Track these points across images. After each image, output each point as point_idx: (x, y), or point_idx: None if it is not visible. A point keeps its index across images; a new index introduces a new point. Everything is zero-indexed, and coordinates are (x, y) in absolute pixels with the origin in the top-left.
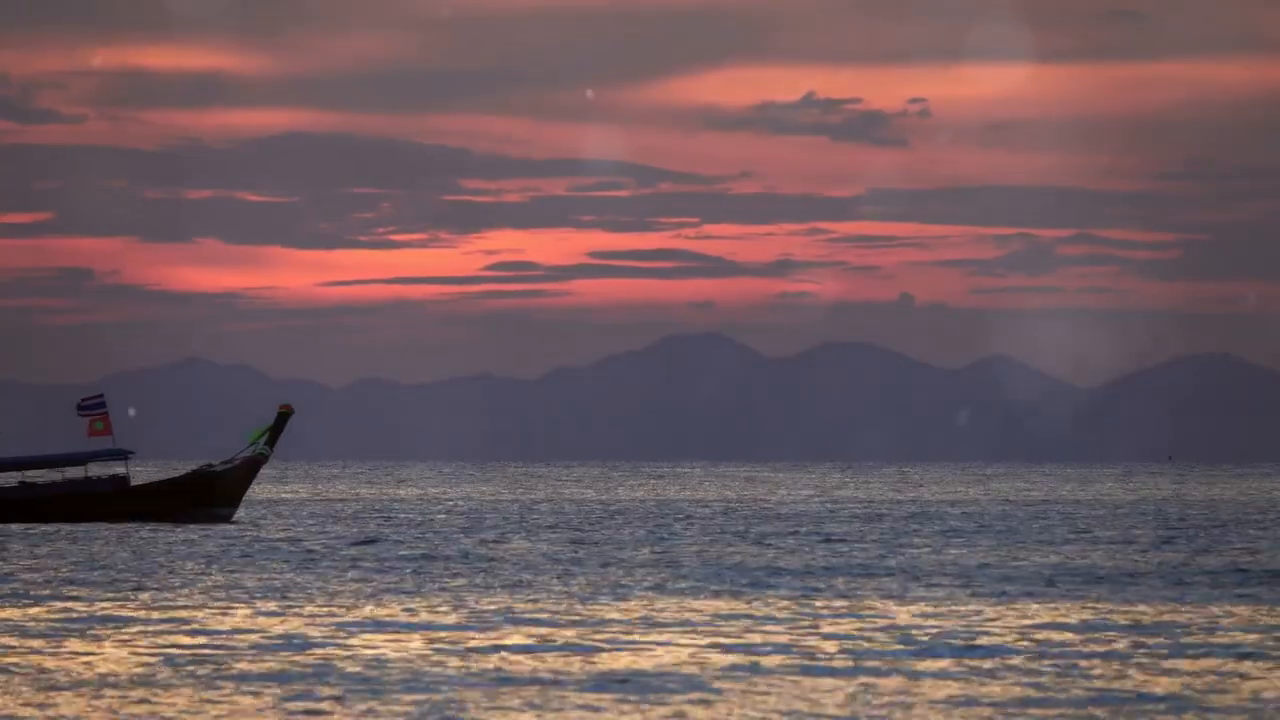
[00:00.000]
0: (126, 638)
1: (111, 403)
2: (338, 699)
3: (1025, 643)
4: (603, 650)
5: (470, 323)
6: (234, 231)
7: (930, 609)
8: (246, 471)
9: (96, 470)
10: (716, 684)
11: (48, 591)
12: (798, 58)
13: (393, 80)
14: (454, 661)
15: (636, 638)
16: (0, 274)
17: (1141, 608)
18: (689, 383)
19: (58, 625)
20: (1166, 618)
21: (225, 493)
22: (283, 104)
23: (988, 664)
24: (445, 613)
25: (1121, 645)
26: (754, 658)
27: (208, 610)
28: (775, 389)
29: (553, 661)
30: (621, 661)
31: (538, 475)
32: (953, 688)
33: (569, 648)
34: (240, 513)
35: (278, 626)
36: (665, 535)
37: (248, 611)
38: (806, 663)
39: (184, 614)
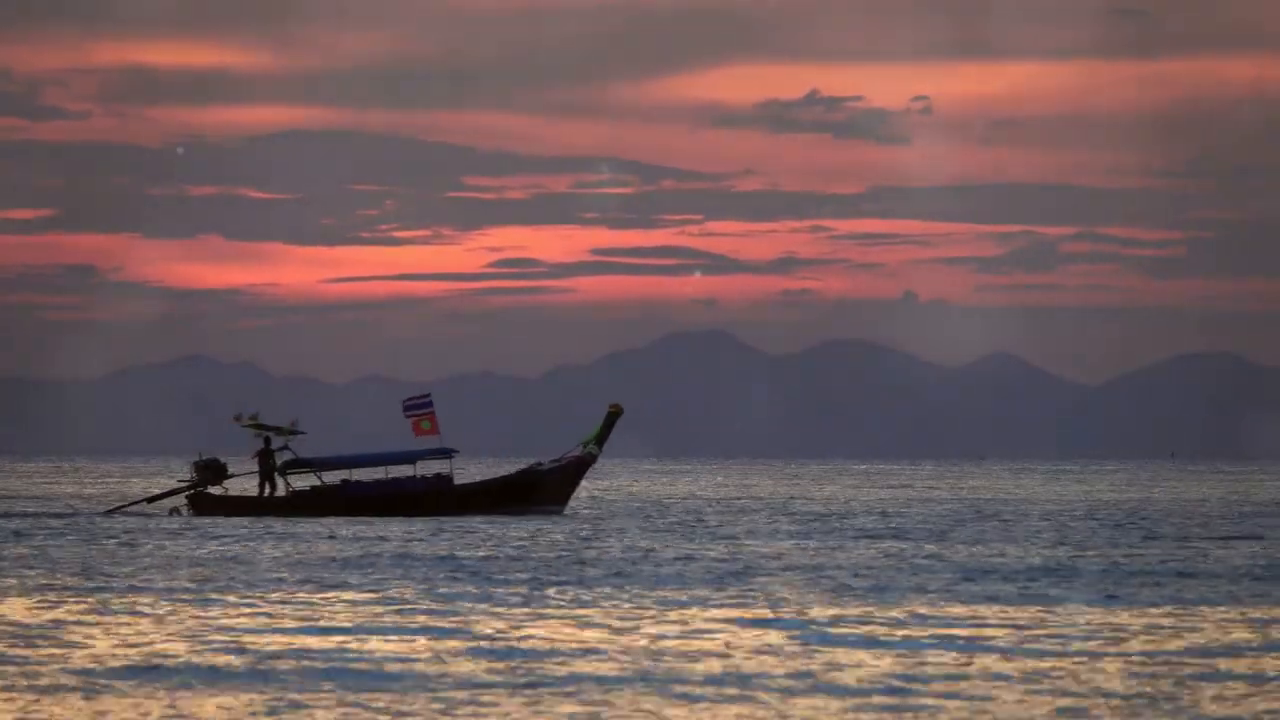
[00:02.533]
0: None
1: (113, 399)
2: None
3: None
4: None
5: (473, 320)
6: (237, 228)
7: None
8: (574, 471)
9: (417, 468)
10: None
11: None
12: (801, 55)
13: (396, 77)
14: None
15: None
16: (4, 270)
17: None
18: (691, 380)
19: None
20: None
21: (551, 492)
22: (286, 101)
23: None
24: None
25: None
26: None
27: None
28: (777, 387)
29: None
30: None
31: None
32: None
33: None
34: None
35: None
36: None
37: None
38: None
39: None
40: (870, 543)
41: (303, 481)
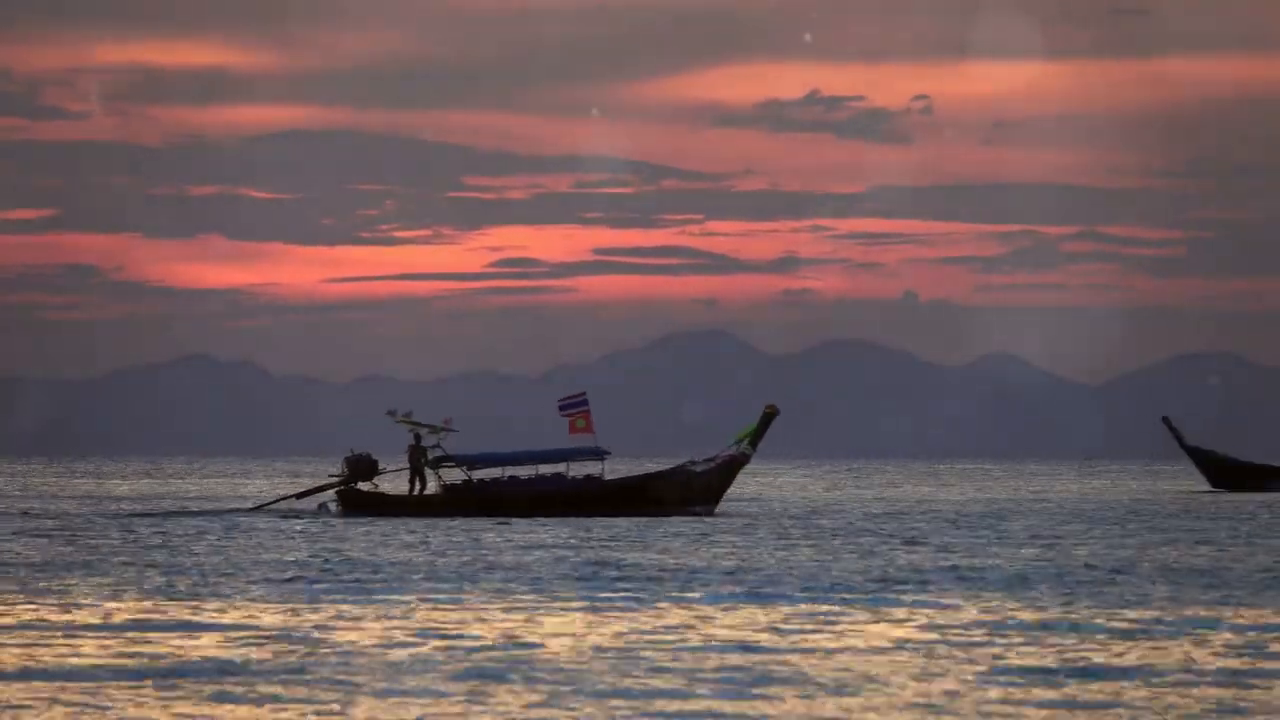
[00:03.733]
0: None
1: (113, 398)
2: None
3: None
4: None
5: (474, 319)
6: (237, 228)
7: None
8: (727, 470)
9: (566, 467)
10: None
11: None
12: (801, 55)
13: (397, 77)
14: None
15: None
16: (5, 270)
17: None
18: (691, 379)
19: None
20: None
21: (703, 490)
22: (286, 101)
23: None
24: None
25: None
26: None
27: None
28: (777, 386)
29: None
30: None
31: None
32: None
33: None
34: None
35: None
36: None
37: None
38: None
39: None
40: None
41: (452, 479)
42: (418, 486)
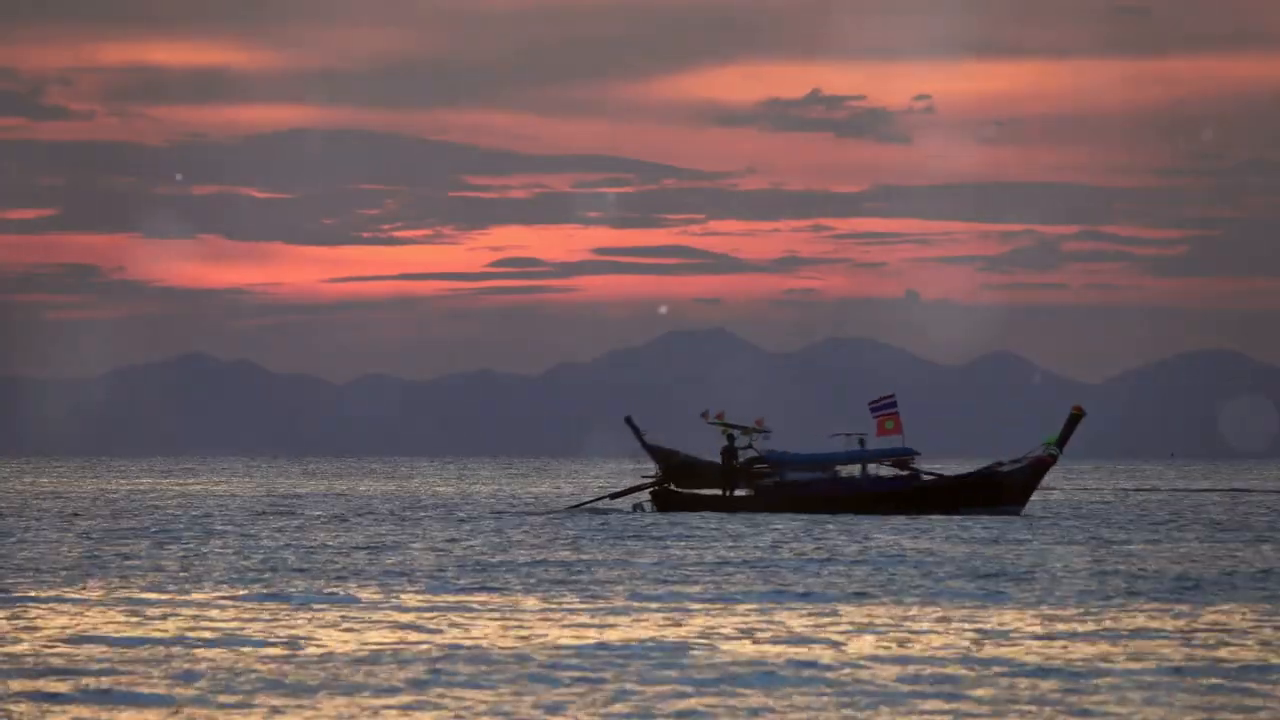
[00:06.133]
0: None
1: (113, 397)
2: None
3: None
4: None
5: (474, 319)
6: (238, 228)
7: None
8: (1034, 471)
9: (872, 468)
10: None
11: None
12: (802, 54)
13: (397, 76)
14: None
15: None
16: (7, 269)
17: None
18: (691, 379)
19: None
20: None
21: (1012, 491)
22: (287, 100)
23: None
24: None
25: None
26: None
27: None
28: (779, 385)
29: None
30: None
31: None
32: None
33: None
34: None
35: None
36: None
37: None
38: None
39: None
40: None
41: (764, 479)
42: (731, 487)
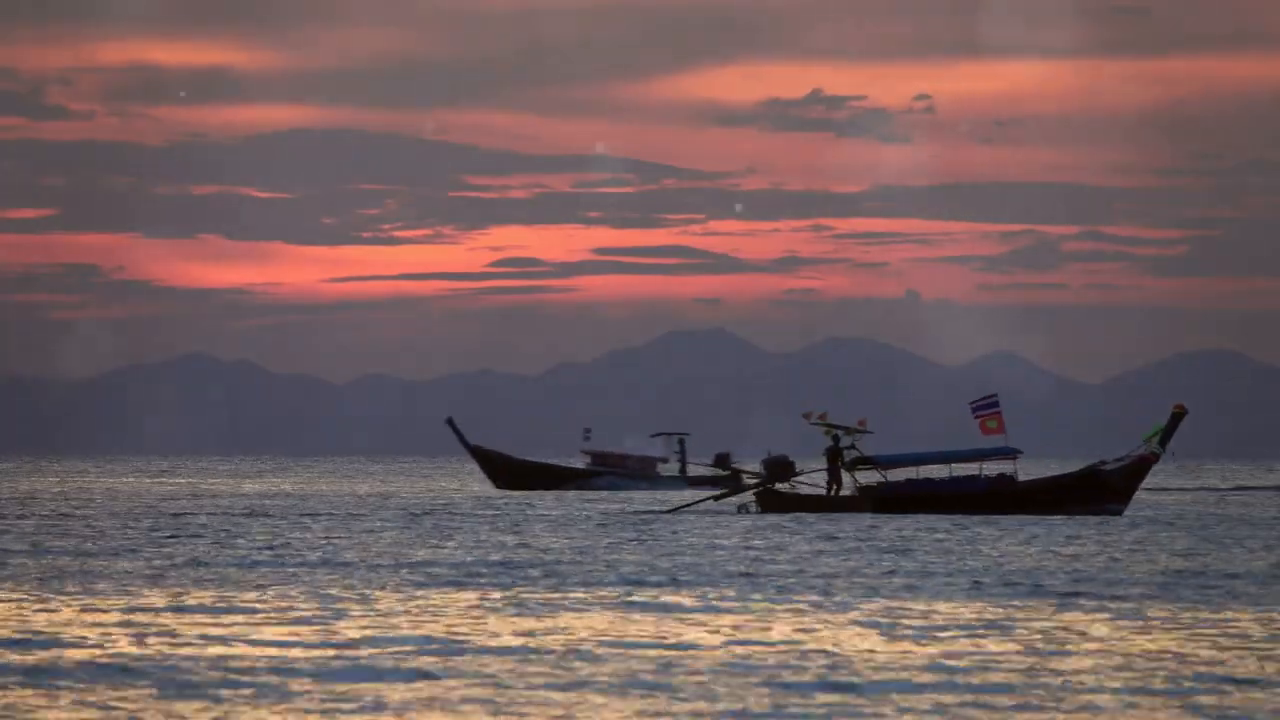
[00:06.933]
0: None
1: (113, 397)
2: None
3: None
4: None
5: (474, 319)
6: (238, 228)
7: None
8: (1137, 470)
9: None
10: None
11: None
12: (803, 54)
13: (398, 76)
14: None
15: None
16: (8, 269)
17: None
18: (690, 378)
19: None
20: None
21: (1115, 491)
22: (287, 100)
23: None
24: None
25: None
26: None
27: None
28: (779, 386)
29: None
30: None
31: None
32: None
33: None
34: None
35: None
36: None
37: None
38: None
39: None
40: None
41: (867, 479)
42: (834, 487)
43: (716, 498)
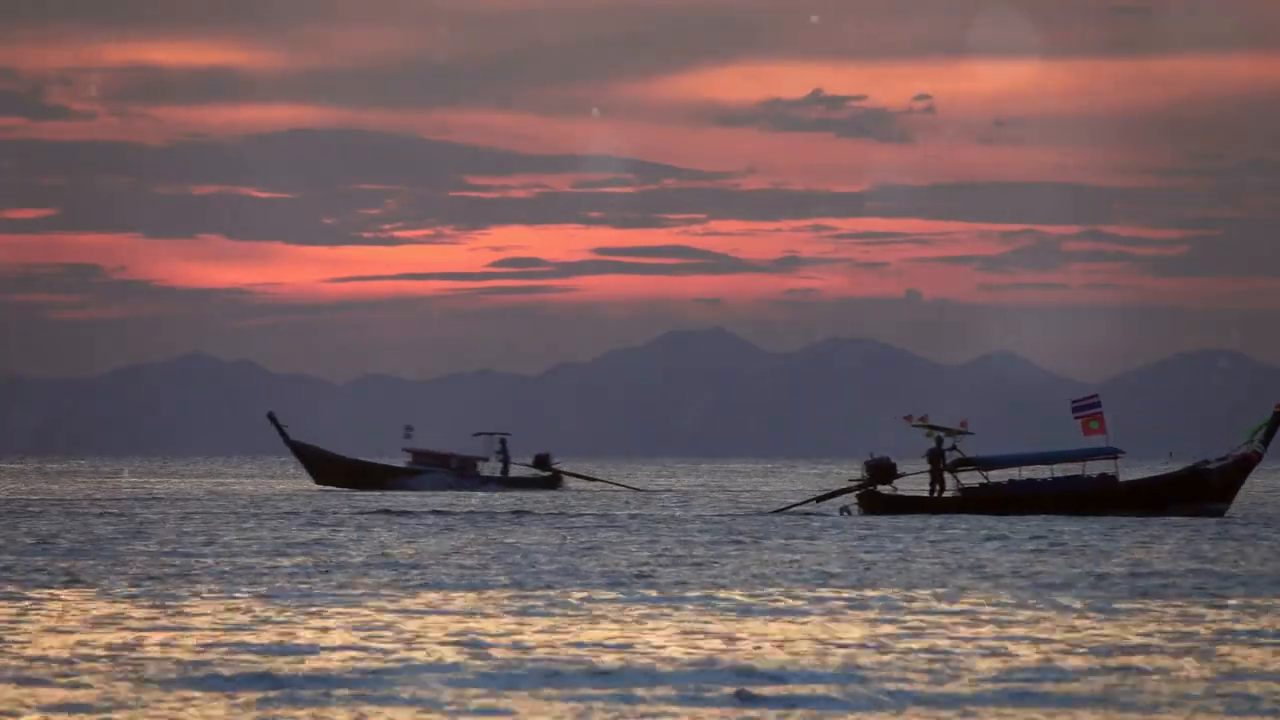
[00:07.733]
0: None
1: (113, 397)
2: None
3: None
4: None
5: (475, 319)
6: (238, 227)
7: None
8: (1239, 468)
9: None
10: None
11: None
12: (803, 55)
13: (398, 76)
14: None
15: None
16: (8, 269)
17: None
18: (691, 378)
19: None
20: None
21: (1217, 490)
22: (287, 100)
23: None
24: None
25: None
26: None
27: None
28: (778, 385)
29: None
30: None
31: None
32: None
33: None
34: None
35: None
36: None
37: None
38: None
39: None
40: None
41: (969, 480)
42: (937, 489)
43: (819, 499)
